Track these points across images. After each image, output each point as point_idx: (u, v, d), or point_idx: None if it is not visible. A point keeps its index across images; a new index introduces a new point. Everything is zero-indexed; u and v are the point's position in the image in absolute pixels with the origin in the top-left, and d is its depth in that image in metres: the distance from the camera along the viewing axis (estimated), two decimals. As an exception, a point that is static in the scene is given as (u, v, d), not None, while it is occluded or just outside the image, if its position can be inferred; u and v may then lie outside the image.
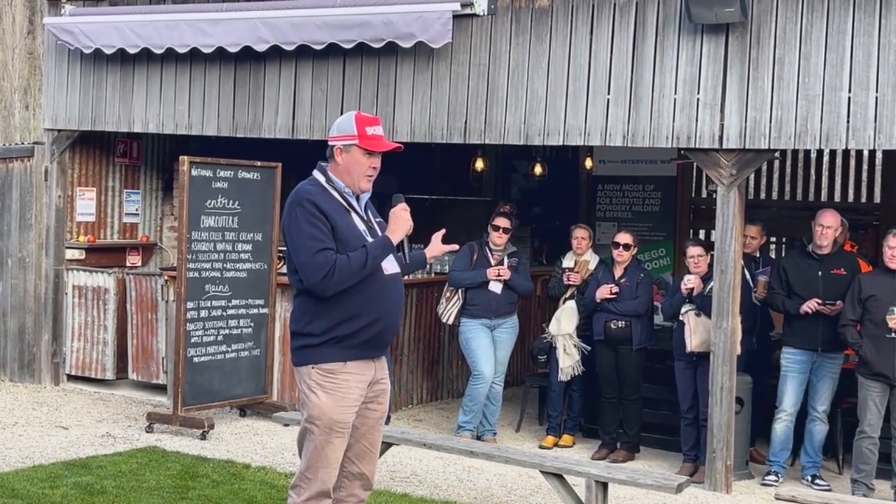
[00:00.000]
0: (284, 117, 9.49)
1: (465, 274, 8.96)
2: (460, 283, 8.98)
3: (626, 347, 8.66)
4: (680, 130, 7.88)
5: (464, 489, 7.57)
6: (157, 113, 10.15)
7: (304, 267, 4.70)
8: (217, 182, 8.97)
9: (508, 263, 8.94)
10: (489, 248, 9.02)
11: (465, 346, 9.00)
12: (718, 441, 7.77)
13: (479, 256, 8.98)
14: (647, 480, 6.40)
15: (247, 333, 9.29)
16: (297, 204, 4.75)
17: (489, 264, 8.92)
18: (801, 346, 8.05)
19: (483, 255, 8.98)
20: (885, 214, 11.69)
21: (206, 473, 7.52)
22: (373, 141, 4.84)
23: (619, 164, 12.59)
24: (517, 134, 8.50)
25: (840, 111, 7.39)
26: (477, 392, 8.87)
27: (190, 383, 8.86)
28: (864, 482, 7.53)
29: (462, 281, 8.96)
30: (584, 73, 8.23)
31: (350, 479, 4.93)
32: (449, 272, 9.26)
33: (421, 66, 8.85)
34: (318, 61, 9.25)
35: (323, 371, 4.75)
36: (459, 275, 8.99)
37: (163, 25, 9.72)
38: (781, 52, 7.57)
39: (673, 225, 12.45)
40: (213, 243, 8.98)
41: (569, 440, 9.14)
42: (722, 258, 7.79)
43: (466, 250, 9.02)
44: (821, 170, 12.37)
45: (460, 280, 8.98)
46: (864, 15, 7.33)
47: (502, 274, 8.86)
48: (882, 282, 7.54)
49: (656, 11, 7.98)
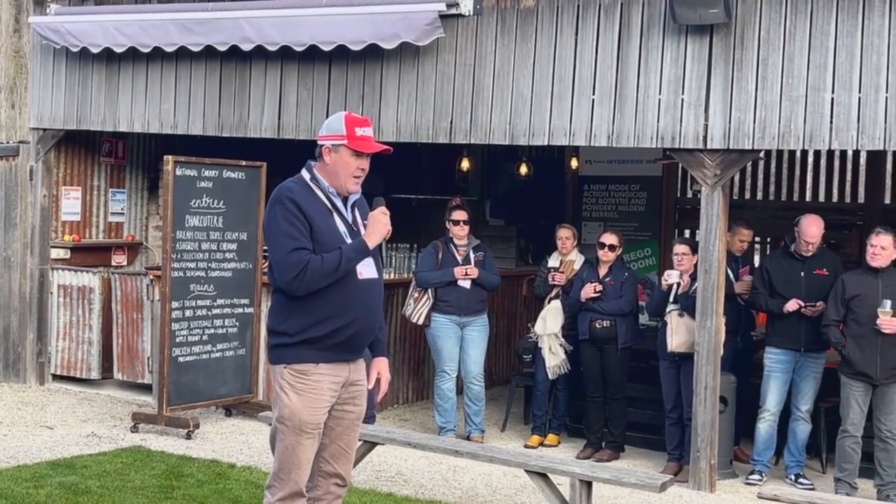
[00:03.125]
0: (270, 117, 9.49)
1: (432, 274, 8.96)
2: (427, 284, 8.97)
3: (611, 347, 8.69)
4: (665, 131, 7.91)
5: (449, 488, 7.58)
6: (142, 112, 10.14)
7: (277, 265, 4.70)
8: (202, 181, 8.96)
9: (475, 258, 8.96)
10: (453, 244, 9.04)
11: (432, 344, 9.06)
12: (702, 440, 7.80)
13: (445, 254, 9.00)
14: (632, 479, 6.42)
15: (232, 333, 9.28)
16: (277, 201, 4.74)
17: (455, 261, 8.93)
18: (784, 346, 8.09)
19: (448, 253, 9.00)
20: (869, 214, 11.75)
21: (191, 473, 7.51)
22: (362, 142, 4.81)
23: (604, 164, 12.62)
24: (503, 134, 8.52)
25: (823, 112, 7.42)
26: (442, 389, 8.96)
27: (175, 383, 8.85)
28: (847, 481, 7.57)
29: (429, 281, 8.95)
30: (569, 74, 8.25)
31: (325, 479, 4.94)
32: (415, 273, 9.26)
33: (406, 67, 8.86)
34: (303, 61, 9.24)
35: (295, 371, 4.74)
36: (426, 275, 8.99)
37: (149, 24, 9.71)
38: (765, 52, 7.60)
39: (658, 225, 12.49)
40: (197, 243, 8.97)
41: (554, 439, 9.16)
42: (706, 258, 7.82)
43: (431, 250, 9.03)
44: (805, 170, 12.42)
45: (427, 280, 8.97)
46: (847, 16, 7.36)
47: (469, 273, 8.88)
48: (865, 281, 7.58)
49: (641, 12, 8.00)
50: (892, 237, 7.54)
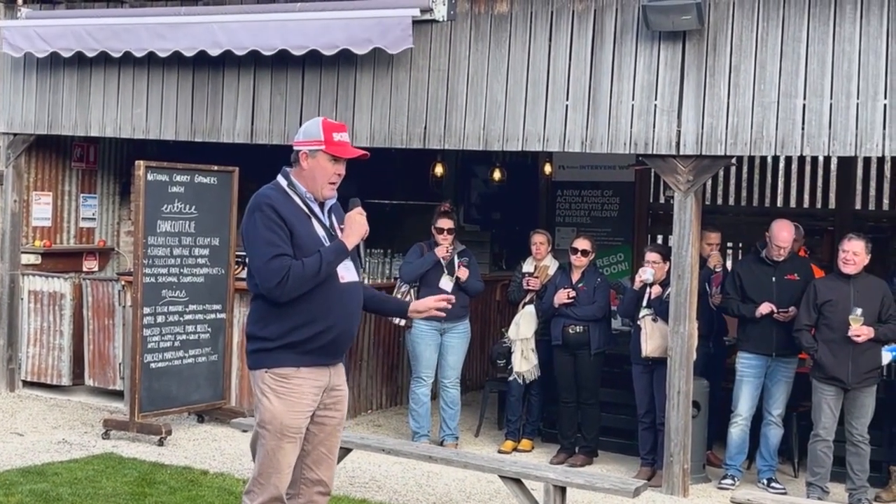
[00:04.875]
0: (243, 122, 9.46)
1: (415, 262, 8.90)
2: (412, 273, 8.87)
3: (585, 352, 8.70)
4: (638, 137, 7.94)
5: (423, 494, 7.57)
6: (114, 117, 10.08)
7: (259, 272, 4.69)
8: (173, 186, 8.91)
9: (459, 263, 8.95)
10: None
11: (411, 350, 9.03)
12: (675, 445, 7.82)
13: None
14: (605, 484, 6.44)
15: (204, 339, 9.23)
16: (256, 208, 4.73)
17: (440, 266, 8.90)
18: (756, 350, 8.13)
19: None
20: (840, 220, 11.85)
21: (163, 480, 7.46)
22: (339, 147, 4.82)
23: (577, 169, 12.68)
24: (476, 139, 8.52)
25: (795, 118, 7.48)
26: (417, 394, 8.95)
27: (147, 389, 8.79)
28: (818, 485, 7.61)
29: (413, 270, 8.85)
30: (542, 80, 8.27)
31: (308, 486, 4.92)
32: (399, 269, 9.22)
33: (380, 72, 8.85)
34: (277, 66, 9.22)
35: (276, 376, 4.74)
36: (410, 266, 8.93)
37: (120, 29, 9.65)
38: (737, 59, 7.65)
39: (631, 230, 12.55)
40: (169, 248, 8.91)
41: (528, 444, 9.17)
42: (679, 263, 7.85)
43: (416, 249, 9.01)
44: (776, 176, 12.52)
45: (412, 271, 8.86)
46: (818, 23, 7.42)
47: (461, 276, 8.85)
48: (837, 287, 7.63)
49: (614, 18, 8.03)
50: (865, 243, 7.59)
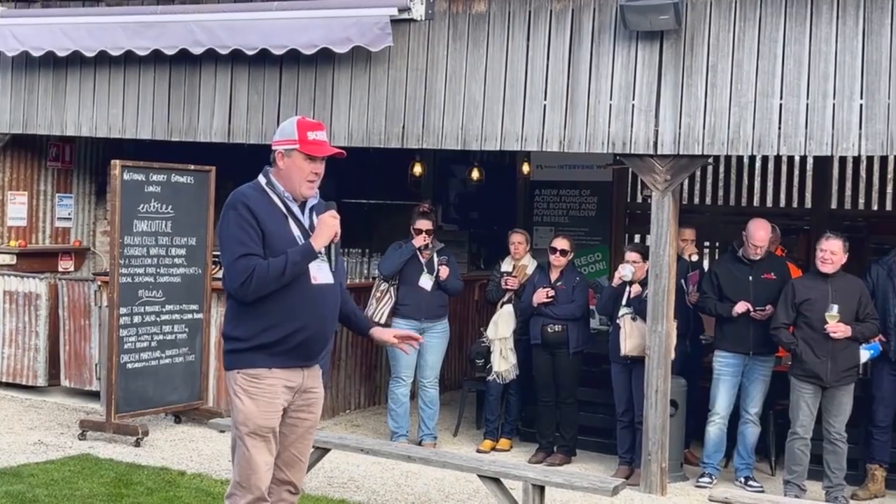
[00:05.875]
0: (220, 121, 9.42)
1: (393, 255, 8.90)
2: (391, 267, 8.86)
3: (563, 351, 8.71)
4: (615, 136, 7.95)
5: (401, 494, 7.56)
6: (90, 116, 10.03)
7: (226, 270, 4.69)
8: (150, 186, 8.86)
9: (439, 262, 8.95)
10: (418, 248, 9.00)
11: (390, 350, 9.01)
12: (653, 444, 7.84)
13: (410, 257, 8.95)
14: (583, 483, 6.45)
15: (181, 339, 9.19)
16: (231, 206, 4.71)
17: (420, 265, 8.90)
18: (733, 349, 8.16)
19: (412, 256, 8.96)
20: (816, 219, 11.92)
21: (140, 481, 7.42)
22: (314, 146, 4.78)
23: (555, 169, 12.70)
24: (454, 139, 8.52)
25: (772, 118, 7.51)
26: (396, 394, 8.95)
27: (123, 390, 8.74)
28: (796, 483, 7.65)
29: (392, 263, 8.85)
30: (520, 79, 8.27)
31: (278, 486, 4.91)
32: (378, 265, 9.20)
33: (358, 71, 8.84)
34: (254, 65, 9.19)
35: (248, 376, 4.72)
36: (388, 260, 8.93)
37: (96, 28, 9.60)
38: (714, 59, 7.67)
39: (609, 229, 12.59)
40: (146, 248, 8.86)
41: (506, 444, 9.17)
42: (657, 262, 7.87)
43: (394, 247, 9.00)
44: (753, 175, 12.58)
45: (390, 264, 8.86)
46: (794, 23, 7.46)
47: (442, 274, 8.86)
48: (815, 285, 7.66)
49: (592, 18, 8.05)
50: (842, 242, 7.64)
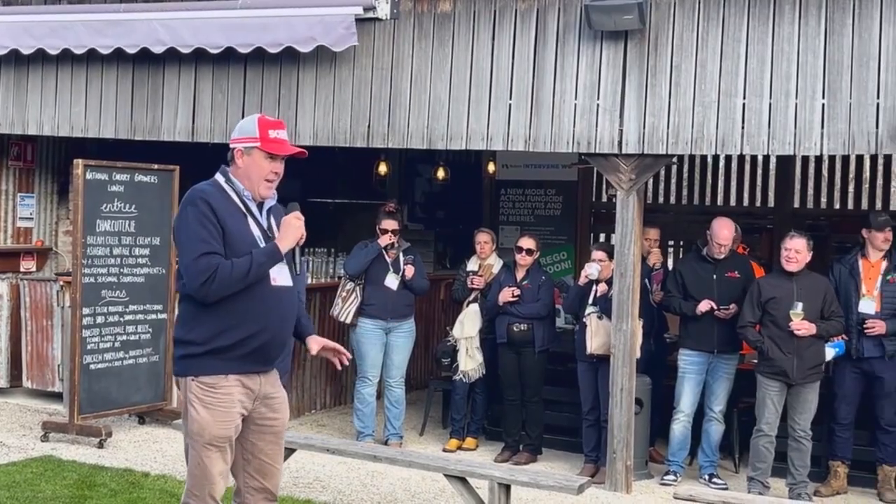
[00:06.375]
0: (184, 120, 9.36)
1: (359, 254, 8.87)
2: (357, 266, 8.81)
3: (529, 350, 8.73)
4: (580, 136, 7.98)
5: (367, 494, 7.55)
6: (52, 115, 9.93)
7: (186, 269, 4.51)
8: (113, 185, 8.80)
9: (405, 261, 8.94)
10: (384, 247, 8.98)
11: (356, 349, 8.99)
12: (619, 442, 7.87)
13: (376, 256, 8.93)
14: (549, 482, 6.46)
15: (145, 339, 9.13)
16: (189, 202, 4.55)
17: (386, 264, 8.89)
18: (697, 347, 8.21)
19: (378, 255, 8.94)
20: (779, 218, 12.02)
21: (103, 483, 7.37)
22: (275, 144, 4.67)
23: (521, 168, 12.73)
24: (420, 138, 8.51)
25: (735, 117, 7.56)
26: (362, 394, 8.93)
27: (87, 391, 8.67)
28: (760, 480, 7.70)
29: (358, 263, 8.80)
30: (486, 79, 8.27)
31: (253, 494, 4.79)
32: (344, 265, 9.17)
33: (323, 70, 8.81)
34: (218, 63, 9.14)
35: (203, 385, 4.54)
36: (354, 260, 8.90)
37: (58, 26, 9.51)
38: (678, 59, 7.71)
39: (574, 229, 12.63)
40: (109, 248, 8.80)
41: (472, 443, 9.18)
42: (621, 261, 7.90)
43: (360, 246, 8.98)
44: (717, 175, 12.66)
45: (356, 263, 8.81)
46: (758, 23, 7.51)
47: (407, 273, 8.85)
48: (780, 284, 7.72)
49: (557, 18, 8.07)
50: (807, 241, 7.70)
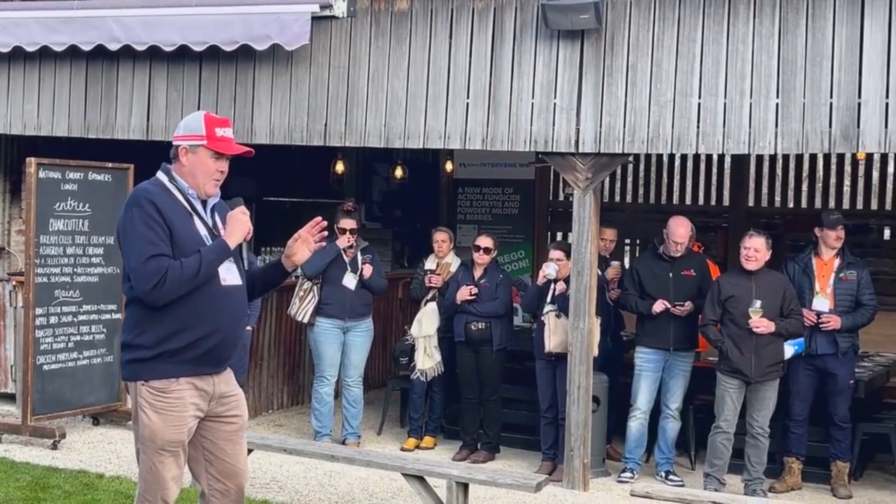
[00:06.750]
0: (139, 118, 9.28)
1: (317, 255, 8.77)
2: (315, 267, 8.69)
3: (487, 348, 8.74)
4: (538, 134, 8.00)
5: (325, 494, 7.52)
6: (4, 112, 9.80)
7: (134, 272, 4.39)
8: (66, 184, 8.71)
9: (363, 260, 8.91)
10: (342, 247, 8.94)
11: (314, 348, 8.97)
12: (576, 439, 7.90)
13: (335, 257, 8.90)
14: (507, 480, 6.47)
15: (99, 340, 9.04)
16: (134, 204, 4.44)
17: (344, 264, 8.86)
18: (653, 345, 8.26)
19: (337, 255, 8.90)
20: (734, 217, 12.14)
21: (57, 484, 7.28)
22: (222, 143, 4.58)
23: (478, 167, 12.76)
24: (377, 137, 8.49)
25: (690, 116, 7.60)
26: (320, 394, 8.91)
27: (40, 392, 8.58)
28: (716, 476, 7.75)
29: (316, 263, 8.63)
30: (443, 77, 8.27)
31: (218, 497, 4.68)
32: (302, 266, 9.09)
33: (280, 68, 8.76)
34: (173, 61, 9.06)
35: (154, 390, 4.43)
36: (312, 261, 8.78)
37: (10, 23, 9.39)
38: (634, 58, 7.75)
39: (531, 227, 12.68)
40: (62, 247, 8.71)
41: (430, 442, 9.18)
42: (578, 260, 7.93)
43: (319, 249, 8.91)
44: (673, 174, 12.75)
45: (315, 265, 8.65)
46: (713, 23, 7.56)
47: (365, 272, 8.83)
48: (739, 282, 7.76)
49: (514, 17, 8.08)
50: (765, 239, 7.76)
